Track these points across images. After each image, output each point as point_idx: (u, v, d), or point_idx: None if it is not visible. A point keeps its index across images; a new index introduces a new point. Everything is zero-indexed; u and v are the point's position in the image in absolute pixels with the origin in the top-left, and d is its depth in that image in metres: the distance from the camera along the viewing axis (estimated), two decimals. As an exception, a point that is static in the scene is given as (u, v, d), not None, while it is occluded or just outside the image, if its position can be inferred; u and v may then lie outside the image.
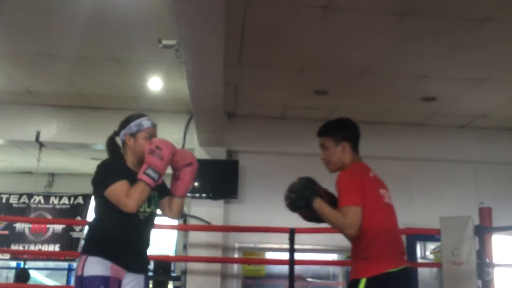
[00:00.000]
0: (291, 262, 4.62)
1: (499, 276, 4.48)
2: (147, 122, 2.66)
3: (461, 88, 4.97)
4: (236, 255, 5.75)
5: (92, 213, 2.72)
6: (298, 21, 3.74)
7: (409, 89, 5.01)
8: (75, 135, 5.93)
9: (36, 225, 8.00)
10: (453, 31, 3.83)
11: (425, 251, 5.98)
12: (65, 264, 9.27)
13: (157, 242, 9.31)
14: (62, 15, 3.79)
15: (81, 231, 7.59)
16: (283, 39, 4.06)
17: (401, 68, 4.56)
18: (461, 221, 4.45)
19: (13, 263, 9.07)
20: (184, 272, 5.49)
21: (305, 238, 5.19)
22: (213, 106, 4.57)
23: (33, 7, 3.69)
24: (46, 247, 7.88)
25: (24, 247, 7.87)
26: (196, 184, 5.58)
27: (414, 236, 5.69)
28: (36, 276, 9.07)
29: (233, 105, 5.70)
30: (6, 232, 7.96)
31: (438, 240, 4.94)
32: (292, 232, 4.64)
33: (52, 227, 8.01)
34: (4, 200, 8.15)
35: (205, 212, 5.60)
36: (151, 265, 5.97)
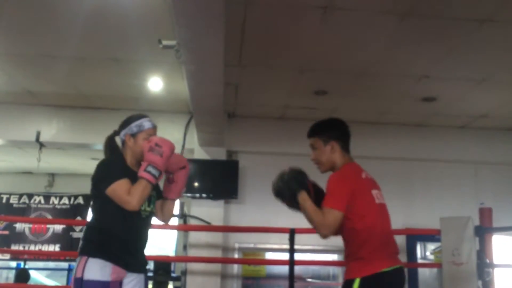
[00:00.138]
0: (291, 263, 4.62)
1: (499, 277, 4.48)
2: (148, 124, 2.67)
3: (461, 89, 4.97)
4: (236, 256, 5.75)
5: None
6: (298, 21, 3.74)
7: (410, 90, 5.01)
8: (75, 135, 5.93)
9: (36, 225, 8.01)
10: (453, 32, 3.83)
11: (425, 252, 5.97)
12: (65, 265, 9.26)
13: (157, 242, 9.32)
14: (62, 15, 3.79)
15: (82, 231, 7.57)
16: (283, 39, 4.06)
17: (401, 68, 4.56)
18: (461, 221, 4.45)
19: (13, 263, 9.08)
20: (184, 273, 5.49)
21: (305, 238, 5.16)
22: (213, 106, 4.57)
23: (33, 7, 3.69)
24: (46, 247, 7.89)
25: (24, 247, 7.88)
26: (196, 184, 5.59)
27: (414, 237, 5.69)
28: (36, 276, 9.07)
29: (233, 105, 5.70)
30: (6, 232, 7.98)
31: (438, 240, 4.93)
32: (292, 233, 4.64)
33: (52, 227, 8.02)
34: (4, 200, 8.16)
35: (205, 212, 5.60)
36: (151, 265, 5.98)
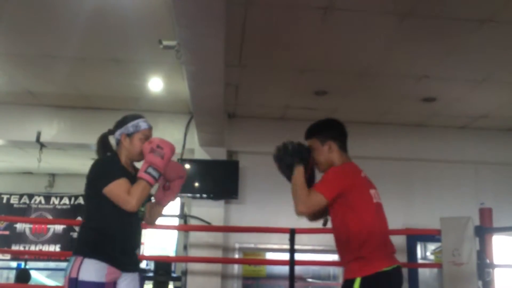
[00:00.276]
0: (291, 263, 4.62)
1: (499, 277, 4.48)
2: (144, 124, 2.66)
3: (461, 89, 4.97)
4: (236, 256, 5.75)
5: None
6: (299, 21, 3.74)
7: (410, 90, 5.01)
8: (75, 136, 5.93)
9: (36, 226, 8.02)
10: (453, 32, 3.83)
11: (425, 252, 5.98)
12: (65, 265, 9.24)
13: (157, 243, 9.33)
14: (62, 15, 3.79)
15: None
16: (283, 39, 4.06)
17: (401, 68, 4.56)
18: (461, 221, 4.45)
19: (14, 264, 9.07)
20: (184, 273, 5.49)
21: (305, 238, 5.19)
22: (214, 106, 4.57)
23: (33, 7, 3.69)
24: (47, 248, 7.91)
25: (24, 247, 7.90)
26: (196, 184, 5.59)
27: (414, 237, 5.69)
28: (37, 276, 9.06)
29: (233, 106, 5.70)
30: (7, 233, 7.99)
31: (438, 240, 4.93)
32: (292, 233, 4.64)
33: (52, 227, 8.03)
34: (4, 201, 8.17)
35: (205, 212, 5.60)
36: (152, 265, 5.98)
